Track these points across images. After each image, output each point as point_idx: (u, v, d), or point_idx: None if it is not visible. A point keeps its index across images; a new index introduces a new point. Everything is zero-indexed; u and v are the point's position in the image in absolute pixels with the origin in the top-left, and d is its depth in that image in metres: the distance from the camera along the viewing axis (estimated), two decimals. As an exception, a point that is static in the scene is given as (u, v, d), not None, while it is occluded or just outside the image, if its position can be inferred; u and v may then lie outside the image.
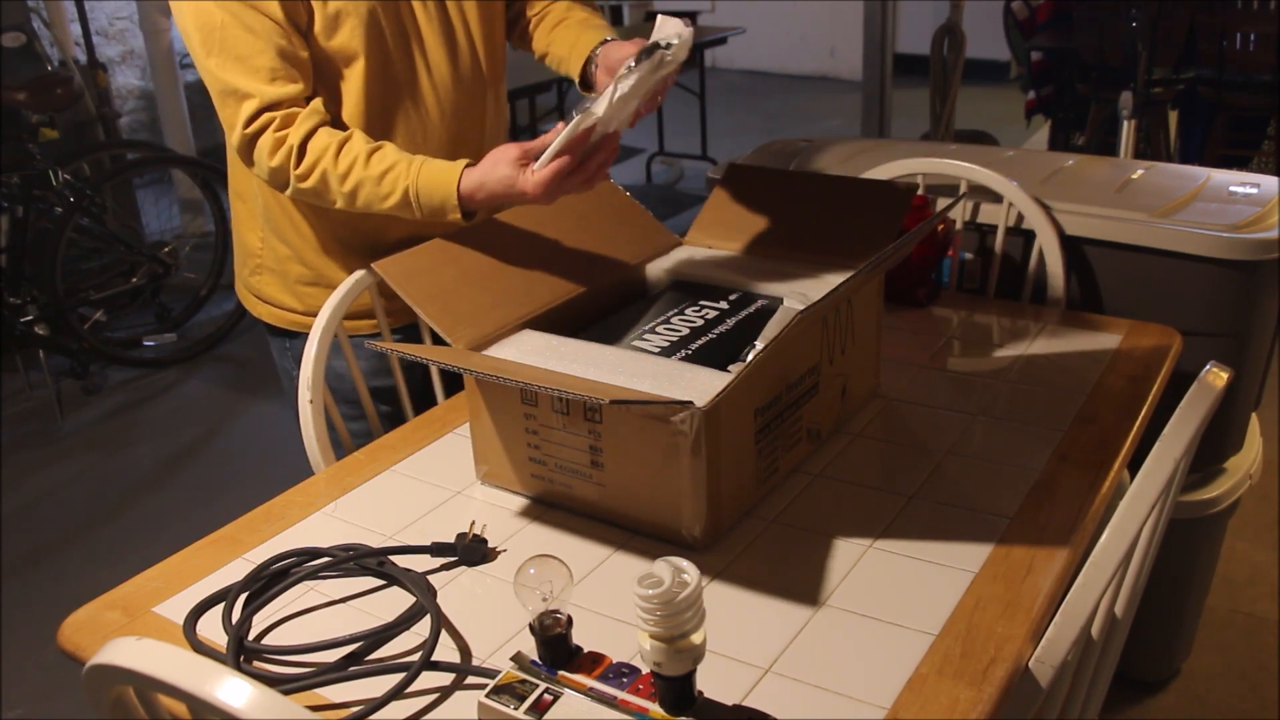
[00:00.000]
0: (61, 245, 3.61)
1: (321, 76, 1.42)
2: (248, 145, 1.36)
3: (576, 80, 1.53)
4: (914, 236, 1.28)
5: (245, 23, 1.32)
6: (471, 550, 1.12)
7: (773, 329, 1.21)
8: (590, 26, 1.55)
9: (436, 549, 1.13)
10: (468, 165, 1.33)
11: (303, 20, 1.37)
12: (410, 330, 1.62)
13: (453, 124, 1.52)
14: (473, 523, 1.16)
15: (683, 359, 1.22)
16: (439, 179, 1.33)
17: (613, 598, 1.05)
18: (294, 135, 1.34)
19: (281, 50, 1.34)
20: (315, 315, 1.54)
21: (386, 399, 1.59)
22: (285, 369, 1.66)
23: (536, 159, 1.29)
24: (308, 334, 1.55)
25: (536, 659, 0.92)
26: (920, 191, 1.87)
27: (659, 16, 1.29)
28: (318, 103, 1.38)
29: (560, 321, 1.32)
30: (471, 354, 1.21)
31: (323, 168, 1.34)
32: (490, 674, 0.92)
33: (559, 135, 1.25)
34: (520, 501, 1.23)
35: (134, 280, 3.91)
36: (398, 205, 1.35)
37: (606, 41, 1.50)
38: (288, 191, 1.38)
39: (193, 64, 1.41)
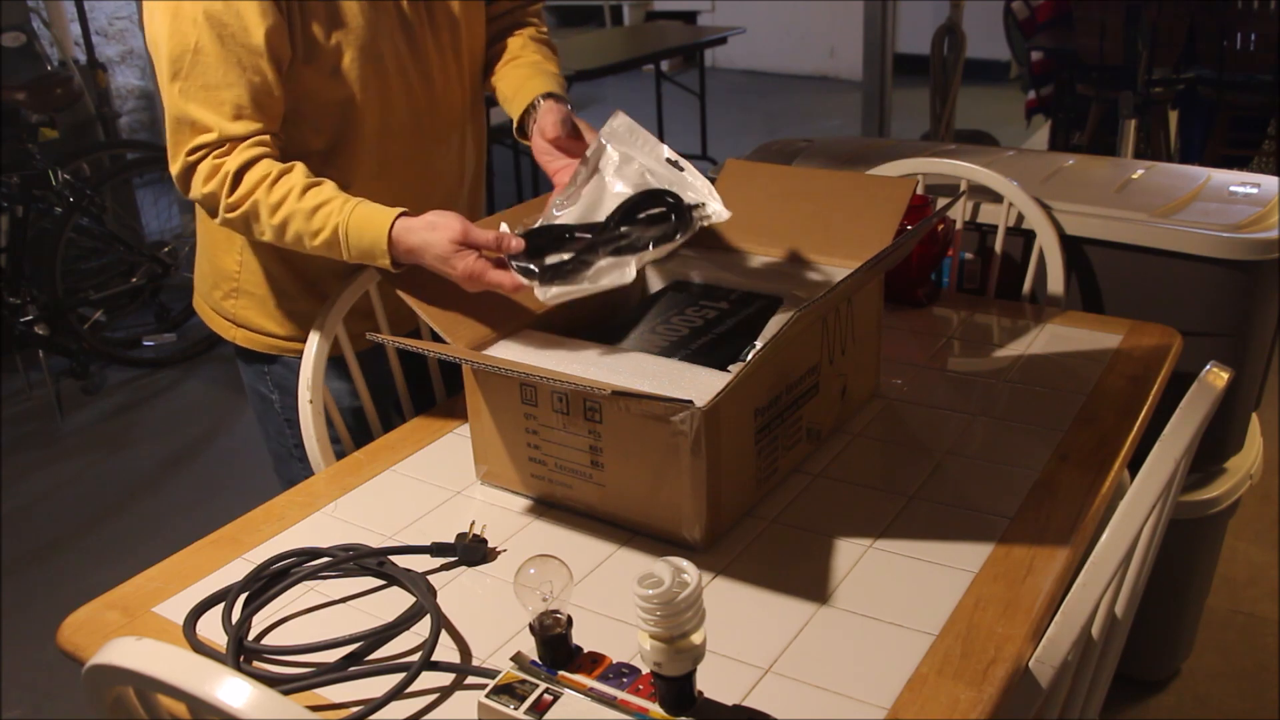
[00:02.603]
0: (61, 245, 3.61)
1: (320, 106, 1.37)
2: (186, 172, 1.30)
3: (514, 123, 1.48)
4: (914, 235, 1.28)
5: (223, 51, 1.25)
6: (471, 550, 1.12)
7: (772, 329, 1.21)
8: (539, 72, 1.50)
9: (436, 549, 1.13)
10: (403, 214, 1.25)
11: (285, 54, 1.30)
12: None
13: (430, 154, 1.50)
14: (473, 523, 1.16)
15: (683, 359, 1.22)
16: (371, 221, 1.25)
17: (613, 598, 1.05)
18: (231, 163, 1.27)
19: (253, 86, 1.27)
20: (298, 340, 1.51)
21: (363, 419, 1.56)
22: (261, 393, 1.59)
23: (473, 246, 1.22)
24: (289, 358, 1.53)
25: (536, 659, 0.92)
26: (920, 191, 1.87)
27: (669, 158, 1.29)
28: (260, 140, 1.29)
29: (560, 321, 1.32)
30: (471, 352, 1.21)
31: (255, 197, 1.28)
32: (490, 674, 0.92)
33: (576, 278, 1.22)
34: (520, 501, 1.23)
35: (134, 280, 3.91)
36: (326, 243, 1.27)
37: (550, 96, 1.44)
38: (216, 219, 1.32)
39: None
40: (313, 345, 1.45)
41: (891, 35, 4.22)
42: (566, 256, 1.23)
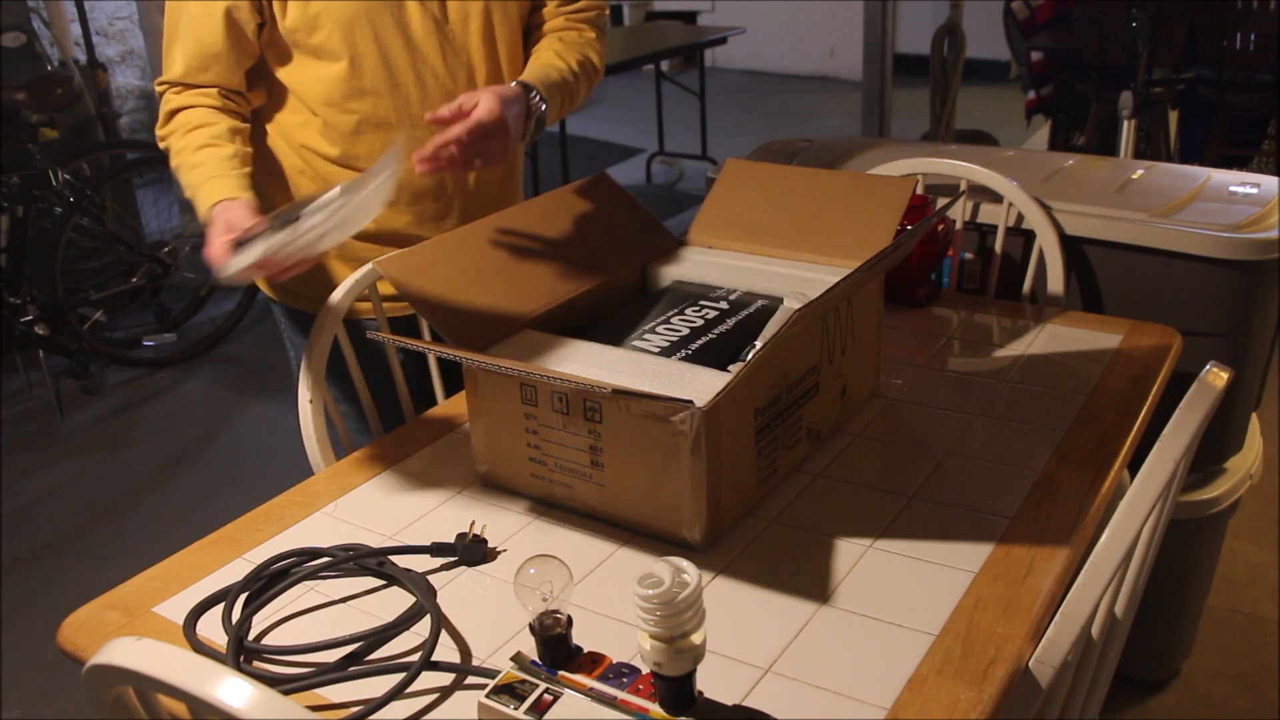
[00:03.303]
0: (61, 245, 3.61)
1: (293, 68, 1.49)
2: (159, 98, 1.50)
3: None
4: (914, 235, 1.28)
5: (193, 11, 1.45)
6: (471, 550, 1.12)
7: (772, 328, 1.21)
8: (549, 50, 1.58)
9: (436, 549, 1.13)
10: (238, 200, 1.35)
11: (249, 20, 1.44)
12: (409, 322, 1.63)
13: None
14: (472, 523, 1.16)
15: (683, 359, 1.22)
16: (209, 197, 1.37)
17: (613, 598, 1.05)
18: (178, 101, 1.47)
19: (203, 44, 1.45)
20: (287, 293, 1.64)
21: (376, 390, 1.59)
22: (288, 338, 1.73)
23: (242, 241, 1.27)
24: (278, 305, 1.67)
25: (536, 659, 0.92)
26: (920, 191, 1.87)
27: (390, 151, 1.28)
28: (216, 95, 1.47)
29: (560, 321, 1.32)
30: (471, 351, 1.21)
31: (171, 141, 1.46)
32: (490, 674, 0.92)
33: (263, 241, 1.22)
34: (520, 501, 1.23)
35: (134, 280, 3.91)
36: (192, 202, 1.41)
37: (521, 83, 1.49)
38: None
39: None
40: (312, 345, 1.45)
41: (891, 35, 4.22)
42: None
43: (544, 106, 1.46)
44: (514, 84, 1.46)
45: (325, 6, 1.43)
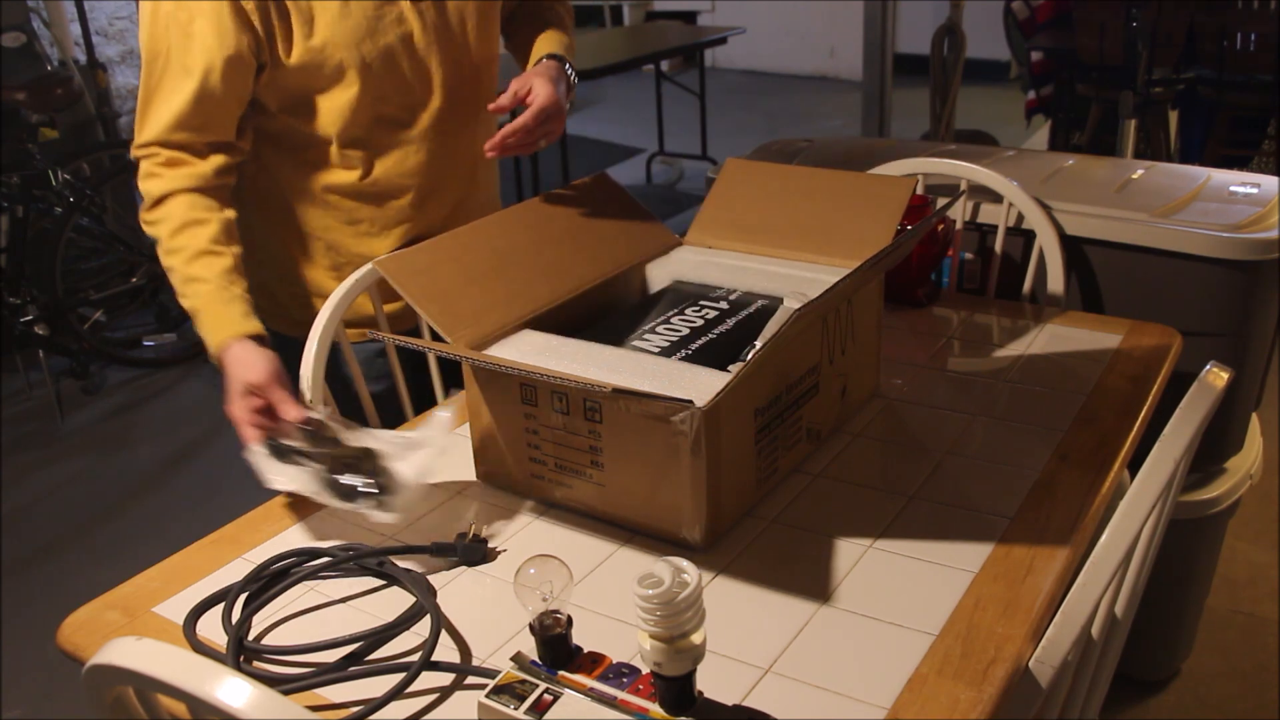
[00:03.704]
0: (61, 245, 3.61)
1: (300, 105, 1.43)
2: (135, 162, 1.40)
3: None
4: (914, 235, 1.28)
5: (184, 62, 1.34)
6: (472, 550, 1.12)
7: (772, 328, 1.21)
8: (550, 13, 1.63)
9: (436, 549, 1.13)
10: (247, 338, 1.30)
11: (248, 67, 1.37)
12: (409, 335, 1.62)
13: (448, 143, 1.54)
14: (472, 523, 1.16)
15: (683, 359, 1.22)
16: (215, 329, 1.32)
17: (613, 598, 1.05)
18: (161, 187, 1.37)
19: (197, 97, 1.35)
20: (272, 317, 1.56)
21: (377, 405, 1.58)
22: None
23: (265, 410, 1.25)
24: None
25: (536, 659, 0.92)
26: (920, 191, 1.87)
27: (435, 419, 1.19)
28: (206, 165, 1.38)
29: (560, 321, 1.32)
30: (471, 350, 1.21)
31: (159, 231, 1.38)
32: (490, 674, 0.92)
33: (301, 472, 1.18)
34: (520, 501, 1.23)
35: (134, 280, 3.91)
36: (187, 309, 1.36)
37: (554, 57, 1.55)
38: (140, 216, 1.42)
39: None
40: (313, 346, 1.45)
41: (891, 35, 4.22)
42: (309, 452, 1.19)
43: (574, 74, 1.54)
44: (547, 59, 1.51)
45: (329, 36, 1.38)
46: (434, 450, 1.15)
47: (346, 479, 1.13)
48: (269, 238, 1.55)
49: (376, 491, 1.12)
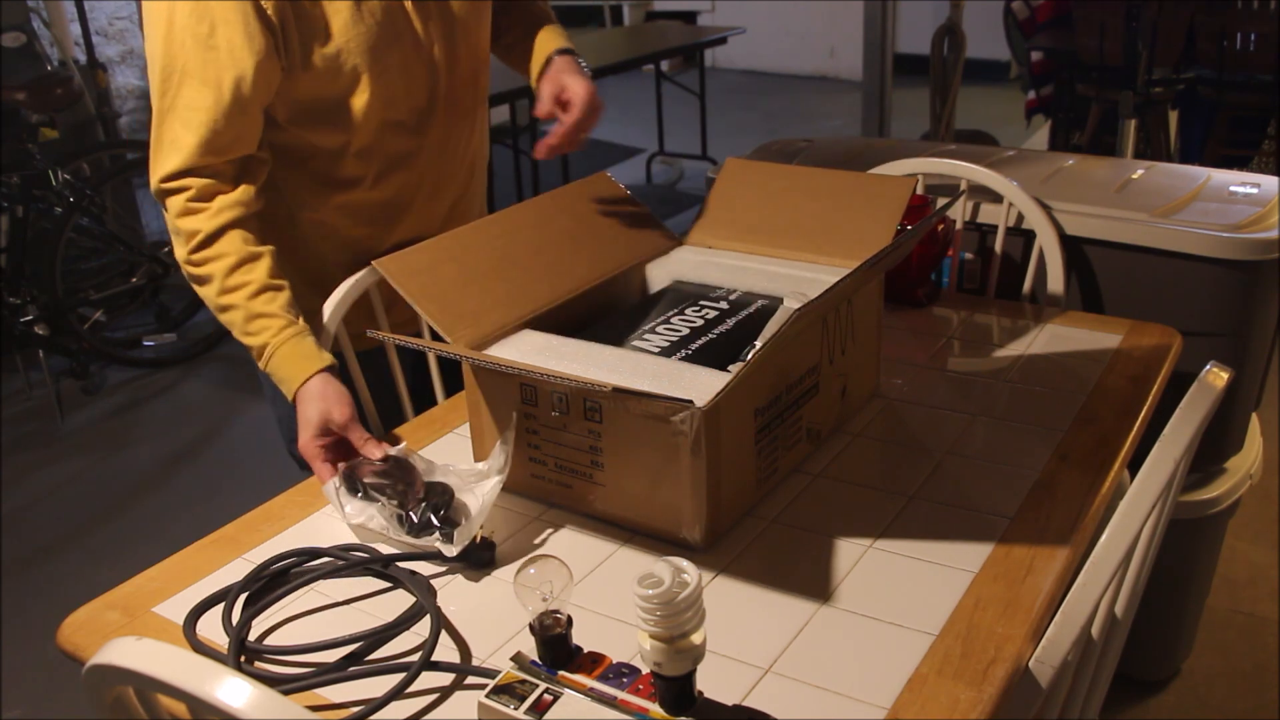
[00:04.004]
0: (61, 245, 3.61)
1: (314, 108, 1.38)
2: (161, 196, 1.33)
3: (532, 78, 1.57)
4: (914, 234, 1.28)
5: (207, 75, 1.27)
6: (479, 554, 1.11)
7: (772, 328, 1.21)
8: (540, 24, 1.60)
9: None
10: (323, 371, 1.29)
11: (274, 78, 1.31)
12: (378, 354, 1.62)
13: (450, 145, 1.54)
14: (480, 525, 1.15)
15: (683, 359, 1.22)
16: (291, 366, 1.29)
17: (613, 598, 1.05)
18: (208, 224, 1.30)
19: (228, 112, 1.28)
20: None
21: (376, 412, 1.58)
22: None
23: (338, 445, 1.26)
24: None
25: (536, 659, 0.92)
26: (920, 191, 1.87)
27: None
28: (242, 193, 1.33)
29: (560, 321, 1.32)
30: (471, 350, 1.21)
31: (212, 269, 1.31)
32: (490, 674, 0.92)
33: (377, 512, 1.17)
34: (520, 501, 1.23)
35: (134, 280, 3.91)
36: (251, 347, 1.32)
37: (565, 52, 1.55)
38: (178, 256, 1.36)
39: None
40: (313, 345, 1.45)
41: (891, 35, 4.22)
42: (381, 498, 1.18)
43: (587, 65, 1.55)
44: (559, 55, 1.52)
45: (343, 41, 1.35)
46: (500, 479, 1.16)
47: (418, 514, 1.13)
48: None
49: (445, 526, 1.12)
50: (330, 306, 1.47)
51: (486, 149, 1.67)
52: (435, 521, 1.12)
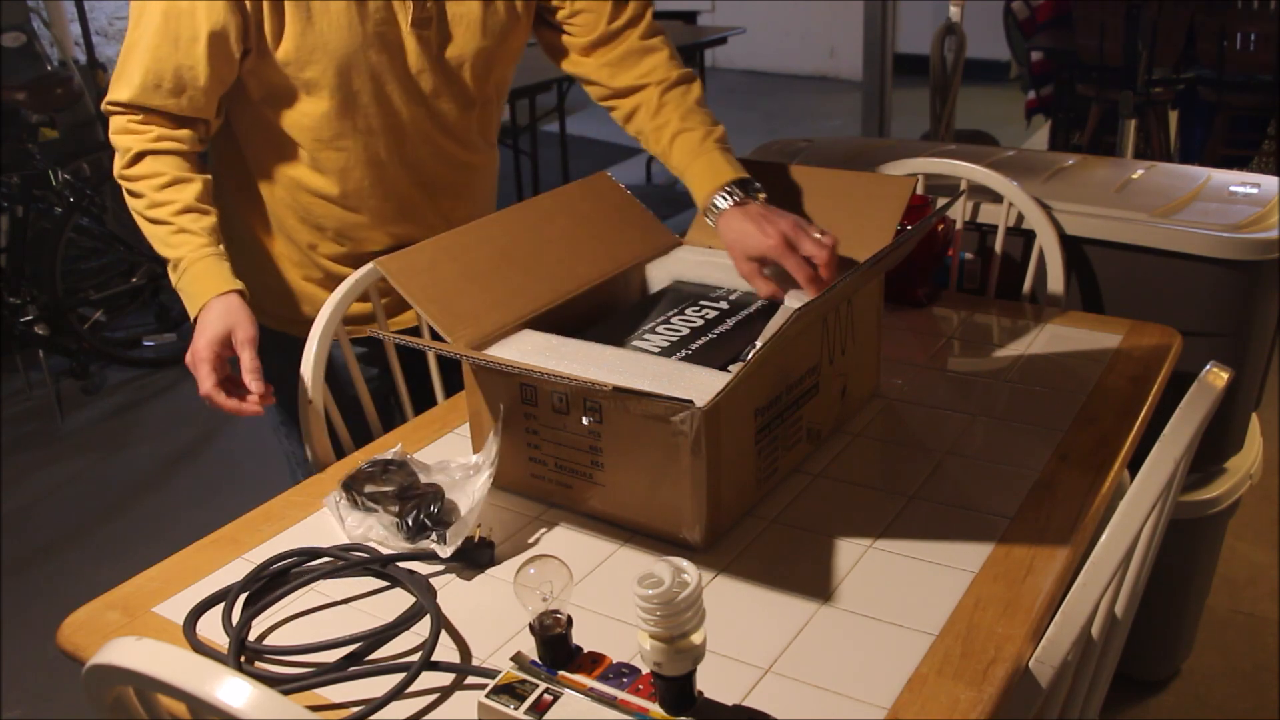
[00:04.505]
0: (61, 245, 3.61)
1: (279, 101, 1.41)
2: (107, 113, 1.38)
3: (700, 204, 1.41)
4: (914, 234, 1.28)
5: (172, 27, 1.32)
6: (479, 553, 1.12)
7: (772, 329, 1.21)
8: (706, 150, 1.42)
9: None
10: (235, 294, 1.32)
11: (232, 51, 1.34)
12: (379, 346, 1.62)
13: (427, 167, 1.51)
14: (479, 525, 1.15)
15: (683, 359, 1.22)
16: (204, 284, 1.33)
17: (613, 598, 1.05)
18: (143, 144, 1.36)
19: (180, 69, 1.33)
20: (261, 314, 1.55)
21: (361, 408, 1.57)
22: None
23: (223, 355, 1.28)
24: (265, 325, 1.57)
25: (536, 659, 0.92)
26: (920, 191, 1.87)
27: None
28: (183, 134, 1.37)
29: (560, 321, 1.32)
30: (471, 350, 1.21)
31: (143, 186, 1.36)
32: (490, 674, 0.92)
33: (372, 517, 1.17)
34: (520, 501, 1.23)
35: (134, 280, 3.91)
36: (166, 260, 1.37)
37: (742, 187, 1.37)
38: (114, 171, 1.40)
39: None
40: (312, 346, 1.45)
41: (891, 35, 4.22)
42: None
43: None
44: (760, 199, 1.36)
45: (321, 40, 1.36)
46: (489, 474, 1.16)
47: (413, 518, 1.13)
48: (244, 223, 1.53)
49: (438, 526, 1.12)
50: (330, 306, 1.47)
51: (485, 181, 1.64)
52: (428, 524, 1.12)
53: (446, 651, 0.99)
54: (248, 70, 1.39)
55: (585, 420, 1.12)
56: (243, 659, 0.99)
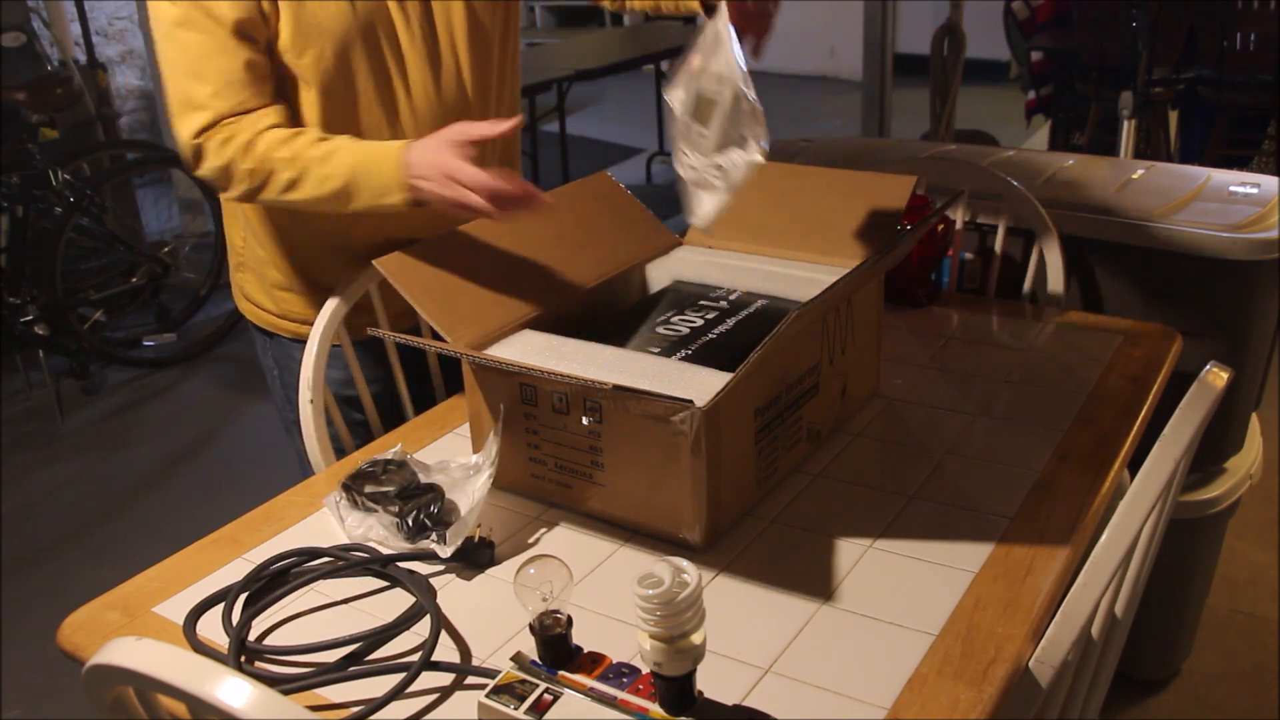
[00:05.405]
0: (61, 245, 3.61)
1: (281, 91, 1.39)
2: (193, 154, 1.35)
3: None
4: (914, 235, 1.28)
5: (202, 31, 1.31)
6: (479, 553, 1.12)
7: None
8: None
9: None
10: (402, 145, 1.29)
11: (259, 32, 1.34)
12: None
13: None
14: (479, 525, 1.15)
15: (683, 359, 1.22)
16: (385, 157, 1.29)
17: (613, 598, 1.05)
18: (247, 133, 1.32)
19: (237, 63, 1.32)
20: (289, 319, 1.57)
21: (360, 407, 1.58)
22: (267, 366, 1.67)
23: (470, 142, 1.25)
24: (283, 336, 1.59)
25: (536, 659, 0.92)
26: (920, 191, 1.87)
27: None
28: (276, 109, 1.35)
29: (560, 321, 1.32)
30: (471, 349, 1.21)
31: (271, 157, 1.32)
32: (490, 674, 0.92)
33: None
34: (520, 501, 1.23)
35: (134, 280, 3.91)
36: (338, 191, 1.31)
37: None
38: (230, 192, 1.36)
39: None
40: (313, 346, 1.45)
41: (891, 35, 4.22)
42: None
43: None
44: None
45: (318, 25, 1.35)
46: (489, 474, 1.16)
47: (413, 518, 1.13)
48: (265, 223, 1.53)
49: (438, 527, 1.12)
50: (330, 306, 1.47)
51: (512, 150, 1.64)
52: (429, 524, 1.12)
53: (446, 651, 0.99)
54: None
55: (585, 420, 1.13)
56: (243, 659, 0.99)
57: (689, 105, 1.21)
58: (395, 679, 0.94)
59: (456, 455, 1.29)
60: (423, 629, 1.01)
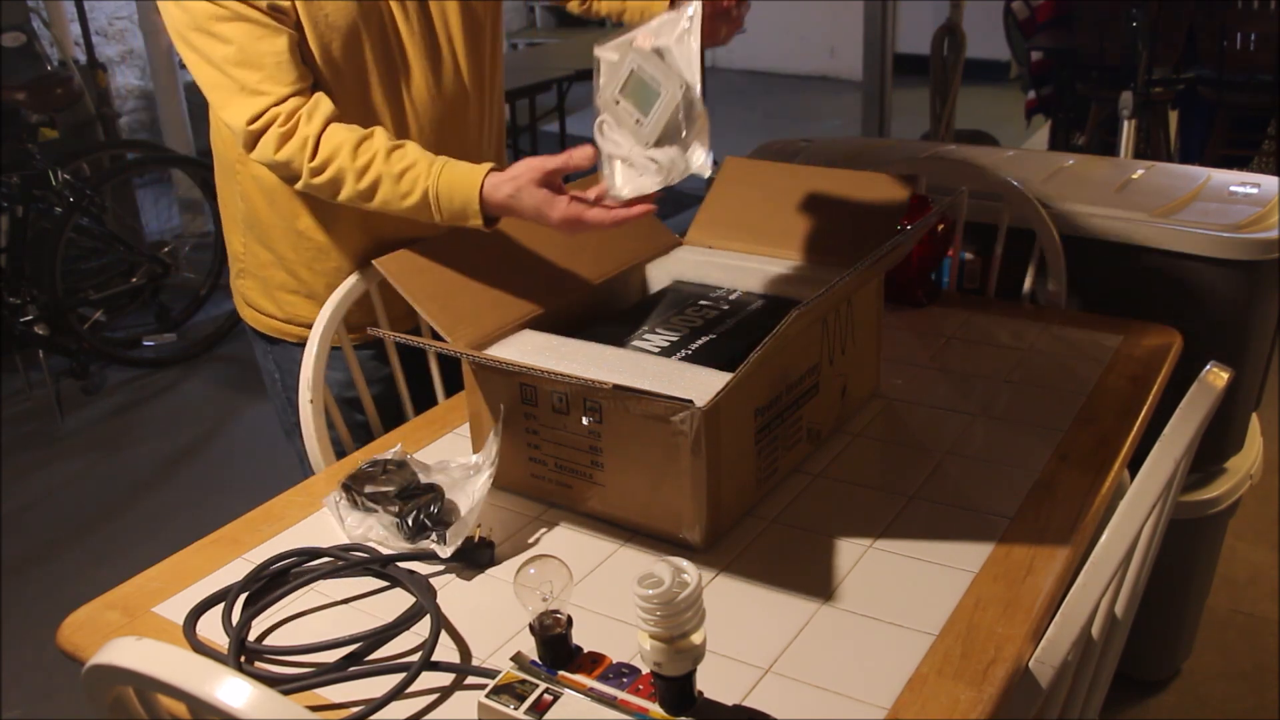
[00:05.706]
0: (61, 245, 3.61)
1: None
2: (251, 140, 1.33)
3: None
4: (914, 235, 1.28)
5: (244, 19, 1.30)
6: (479, 553, 1.12)
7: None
8: None
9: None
10: (492, 169, 1.28)
11: (287, 20, 1.34)
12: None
13: (431, 137, 1.50)
14: (479, 525, 1.15)
15: (683, 359, 1.22)
16: (461, 182, 1.29)
17: (613, 598, 1.05)
18: (308, 128, 1.31)
19: (291, 43, 1.32)
20: (294, 323, 1.56)
21: (361, 409, 1.58)
22: (268, 371, 1.66)
23: (564, 180, 1.25)
24: (288, 341, 1.58)
25: (536, 659, 0.92)
26: (920, 192, 1.87)
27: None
28: (320, 98, 1.34)
29: (560, 321, 1.32)
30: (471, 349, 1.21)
31: (339, 163, 1.31)
32: (490, 674, 0.92)
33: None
34: (520, 501, 1.23)
35: (134, 280, 3.91)
36: (416, 206, 1.31)
37: None
38: (298, 184, 1.35)
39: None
40: (313, 346, 1.45)
41: (891, 35, 4.22)
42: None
43: None
44: None
45: (326, 19, 1.35)
46: (489, 474, 1.16)
47: (413, 518, 1.13)
48: (267, 215, 1.52)
49: (438, 527, 1.12)
50: (331, 306, 1.47)
51: (497, 146, 1.64)
52: (428, 524, 1.12)
53: (446, 651, 0.99)
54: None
55: (585, 420, 1.13)
56: (243, 659, 0.99)
57: (620, 78, 1.19)
58: (395, 679, 0.94)
59: (456, 455, 1.29)
60: (423, 629, 1.01)
